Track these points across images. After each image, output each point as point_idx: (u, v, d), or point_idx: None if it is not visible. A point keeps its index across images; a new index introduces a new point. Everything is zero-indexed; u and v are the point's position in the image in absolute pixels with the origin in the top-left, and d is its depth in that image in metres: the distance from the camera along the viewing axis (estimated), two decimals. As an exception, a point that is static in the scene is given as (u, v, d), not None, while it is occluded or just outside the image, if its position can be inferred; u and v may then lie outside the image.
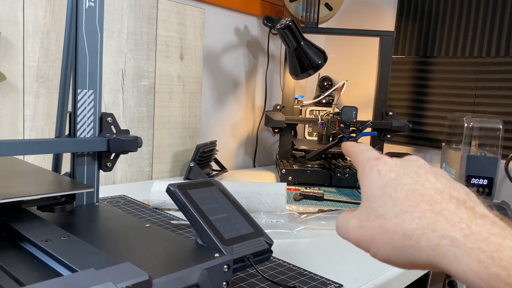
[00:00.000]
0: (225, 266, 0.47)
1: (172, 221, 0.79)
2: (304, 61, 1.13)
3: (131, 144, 0.67)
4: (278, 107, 1.33)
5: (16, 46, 0.90)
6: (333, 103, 1.38)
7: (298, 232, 0.75)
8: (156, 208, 0.88)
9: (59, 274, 0.40)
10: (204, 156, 1.21)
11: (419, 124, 1.48)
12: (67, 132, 0.68)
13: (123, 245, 0.50)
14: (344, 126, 1.12)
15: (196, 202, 0.53)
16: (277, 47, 1.56)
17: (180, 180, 1.19)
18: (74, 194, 0.63)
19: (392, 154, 1.33)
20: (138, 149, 0.75)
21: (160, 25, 1.15)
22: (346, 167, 1.12)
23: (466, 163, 1.11)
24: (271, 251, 0.54)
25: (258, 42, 1.49)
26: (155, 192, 0.86)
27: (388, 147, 1.49)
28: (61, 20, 0.96)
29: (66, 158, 0.71)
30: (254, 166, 1.55)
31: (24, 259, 0.43)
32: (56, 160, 0.77)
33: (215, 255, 0.47)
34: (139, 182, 1.15)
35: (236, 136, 1.48)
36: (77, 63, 0.63)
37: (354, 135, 1.13)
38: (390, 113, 1.29)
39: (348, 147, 0.41)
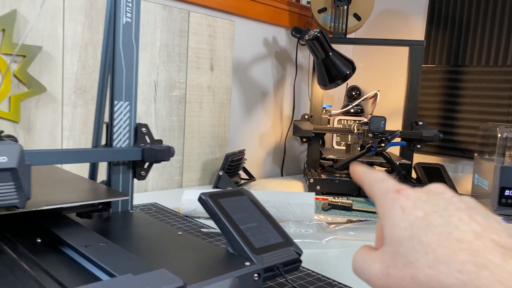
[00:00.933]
0: (255, 275, 0.48)
1: (202, 229, 0.81)
2: (333, 71, 1.14)
3: (164, 153, 0.69)
4: (306, 116, 1.34)
5: (56, 59, 0.94)
6: (368, 113, 1.38)
7: (327, 242, 0.75)
8: (187, 216, 0.90)
9: (98, 279, 0.42)
10: (232, 165, 1.23)
11: (450, 134, 1.46)
12: (103, 142, 0.71)
13: (157, 252, 0.51)
14: (372, 136, 1.12)
15: (227, 211, 0.55)
16: (305, 57, 1.57)
17: (209, 188, 1.21)
18: (110, 201, 0.65)
19: (422, 165, 1.31)
20: (170, 158, 0.77)
21: (191, 37, 1.19)
22: (375, 178, 1.11)
23: (500, 174, 1.09)
24: (300, 261, 0.55)
25: (286, 53, 1.51)
26: (186, 200, 0.88)
27: (418, 158, 1.47)
28: (98, 34, 1.00)
29: (101, 166, 0.74)
30: (282, 175, 1.56)
31: (65, 263, 0.45)
32: (92, 169, 0.80)
33: (246, 264, 0.48)
34: (170, 190, 1.18)
35: (264, 145, 1.49)
36: (114, 76, 0.66)
37: (383, 145, 1.12)
38: (420, 122, 1.27)
39: (359, 174, 0.35)
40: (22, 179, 0.42)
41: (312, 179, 1.19)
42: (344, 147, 1.47)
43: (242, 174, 1.33)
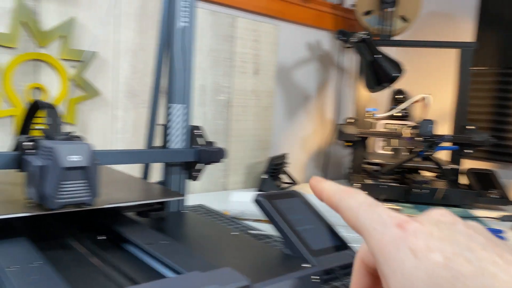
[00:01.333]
0: (315, 277, 0.47)
1: (250, 231, 0.81)
2: (380, 74, 1.12)
3: (217, 155, 0.70)
4: (351, 120, 1.32)
5: (109, 64, 0.98)
6: (419, 117, 1.35)
7: (379, 247, 0.73)
8: (235, 218, 0.90)
9: (162, 275, 0.43)
10: (276, 168, 1.23)
11: (502, 139, 1.40)
12: (155, 144, 0.73)
13: (215, 251, 0.52)
14: (422, 140, 1.09)
15: (283, 213, 0.55)
16: (348, 60, 1.56)
17: (253, 191, 1.22)
18: (166, 201, 0.67)
19: (473, 170, 1.26)
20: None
21: (237, 42, 1.20)
22: (424, 182, 1.08)
23: (560, 181, 1.03)
24: (357, 265, 0.54)
25: (329, 56, 1.50)
26: (234, 202, 0.89)
27: (467, 163, 1.42)
28: (148, 39, 1.03)
29: (150, 167, 0.76)
30: (324, 180, 1.54)
31: (129, 260, 0.47)
32: (146, 169, 0.82)
33: (304, 266, 0.48)
34: (214, 193, 1.19)
35: (306, 149, 1.49)
36: (171, 79, 0.67)
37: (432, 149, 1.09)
38: (470, 127, 1.23)
39: (329, 193, 0.25)
40: (92, 178, 0.44)
41: (357, 184, 1.17)
42: (388, 152, 1.44)
43: (285, 178, 1.33)
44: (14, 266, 0.39)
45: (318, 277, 0.47)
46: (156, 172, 0.78)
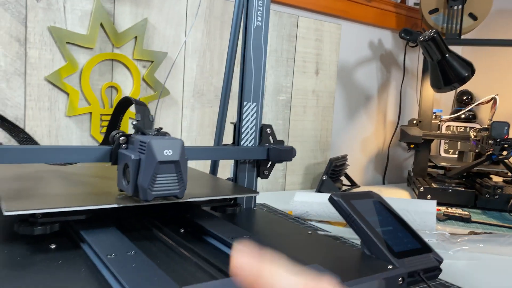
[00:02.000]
0: (399, 279, 0.46)
1: (309, 232, 0.80)
2: (449, 73, 1.08)
3: (287, 154, 0.70)
4: (415, 121, 1.28)
5: (178, 64, 1.00)
6: (488, 119, 1.29)
7: (454, 253, 0.71)
8: (298, 218, 0.90)
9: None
10: (336, 170, 1.21)
11: None
12: (224, 142, 0.74)
13: (295, 248, 0.52)
14: (494, 142, 1.04)
15: (360, 213, 0.54)
16: (412, 60, 1.51)
17: (312, 192, 1.21)
18: (238, 198, 0.68)
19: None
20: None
21: (299, 42, 1.20)
22: (498, 188, 1.03)
23: None
24: (440, 269, 0.52)
25: (391, 56, 1.46)
26: (298, 202, 0.89)
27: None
28: (215, 40, 1.05)
29: (218, 164, 0.77)
30: (384, 183, 1.50)
31: (215, 252, 0.47)
32: (213, 166, 0.84)
33: (389, 267, 0.46)
34: (274, 192, 1.19)
35: (366, 151, 1.46)
36: (244, 78, 0.68)
37: (505, 152, 1.03)
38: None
39: (246, 272, 0.19)
40: (182, 172, 0.45)
41: (422, 188, 1.13)
42: (452, 155, 1.39)
43: (344, 180, 1.30)
44: (111, 254, 0.41)
45: (402, 279, 0.46)
46: (220, 170, 0.79)
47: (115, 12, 0.91)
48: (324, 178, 1.17)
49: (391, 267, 0.47)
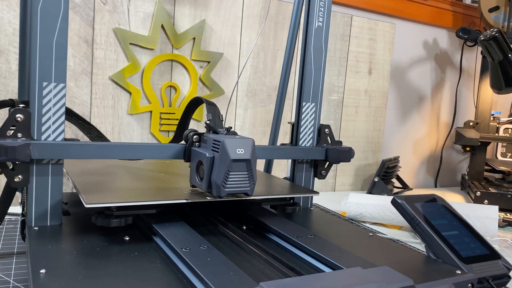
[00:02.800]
0: (469, 285, 0.45)
1: (370, 234, 0.80)
2: (512, 74, 1.03)
3: (346, 154, 0.70)
4: (471, 123, 1.24)
5: (233, 65, 1.02)
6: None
7: (520, 261, 0.68)
8: (352, 220, 0.89)
9: (318, 268, 0.44)
10: (388, 171, 1.19)
11: None
12: (279, 142, 0.75)
13: (359, 249, 0.52)
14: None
15: (425, 216, 0.53)
16: (468, 60, 1.46)
17: (363, 194, 1.20)
18: (296, 197, 0.68)
19: None
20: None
21: (352, 41, 1.19)
22: None
23: None
24: (510, 277, 0.50)
25: (446, 55, 1.42)
26: (353, 204, 0.88)
27: None
28: (269, 40, 1.06)
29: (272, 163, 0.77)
30: (436, 186, 1.46)
31: (279, 250, 0.48)
32: (268, 165, 0.85)
33: (457, 272, 0.46)
34: (324, 193, 1.19)
35: (418, 152, 1.42)
36: (304, 79, 0.69)
37: None
38: None
39: None
40: (253, 170, 0.46)
41: (479, 192, 1.09)
42: (510, 159, 1.33)
43: (395, 182, 1.28)
44: (186, 247, 0.43)
45: (471, 285, 0.45)
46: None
47: (175, 14, 0.94)
48: (376, 180, 1.15)
49: (459, 272, 0.46)
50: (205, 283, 0.35)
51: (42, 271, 0.38)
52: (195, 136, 0.49)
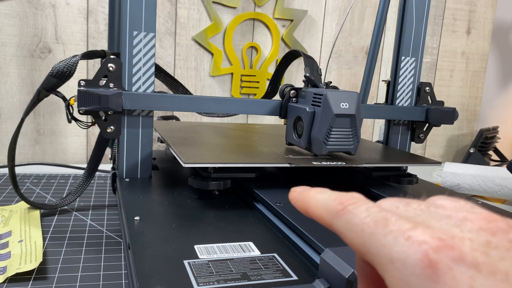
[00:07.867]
0: None
1: (479, 202, 0.72)
2: None
3: (449, 116, 0.62)
4: None
5: (318, 23, 0.96)
6: None
7: None
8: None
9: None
10: (486, 142, 1.08)
11: None
12: (369, 101, 0.69)
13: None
14: None
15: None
16: None
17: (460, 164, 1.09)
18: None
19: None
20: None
21: (450, -3, 1.07)
22: None
23: None
24: None
25: (561, 12, 1.23)
26: (449, 173, 0.80)
27: None
28: (356, -3, 0.98)
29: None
30: (540, 161, 1.30)
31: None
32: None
33: None
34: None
35: (520, 123, 1.27)
36: (403, 30, 0.62)
37: None
38: None
39: (321, 210, 0.18)
40: (357, 127, 0.41)
41: None
42: None
43: (493, 155, 1.16)
44: (279, 202, 0.40)
45: None
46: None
47: (258, -30, 0.89)
48: (472, 151, 1.05)
49: None
50: (305, 237, 0.32)
51: (137, 218, 0.37)
52: (292, 91, 0.45)
